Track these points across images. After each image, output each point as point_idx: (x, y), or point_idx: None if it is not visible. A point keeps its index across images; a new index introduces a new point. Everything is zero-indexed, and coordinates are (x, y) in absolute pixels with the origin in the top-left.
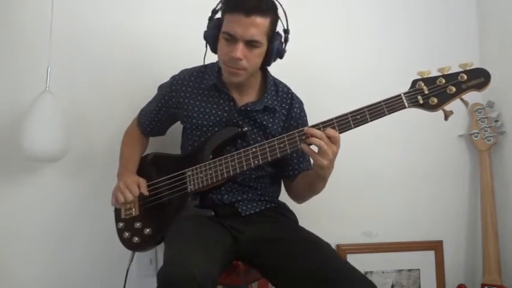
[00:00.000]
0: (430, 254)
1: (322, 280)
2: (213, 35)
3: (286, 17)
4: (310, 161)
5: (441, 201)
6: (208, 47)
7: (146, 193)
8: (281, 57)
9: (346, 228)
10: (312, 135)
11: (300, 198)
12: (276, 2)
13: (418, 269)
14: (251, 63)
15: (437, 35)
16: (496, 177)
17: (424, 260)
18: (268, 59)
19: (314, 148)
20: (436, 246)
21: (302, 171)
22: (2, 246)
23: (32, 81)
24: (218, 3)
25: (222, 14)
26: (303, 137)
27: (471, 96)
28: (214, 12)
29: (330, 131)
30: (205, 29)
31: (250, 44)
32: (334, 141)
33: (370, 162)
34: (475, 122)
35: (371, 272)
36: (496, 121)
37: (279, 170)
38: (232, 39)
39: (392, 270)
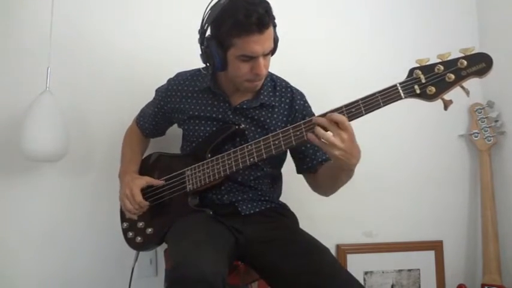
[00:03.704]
0: (430, 254)
1: (317, 285)
2: (221, 58)
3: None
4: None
5: (441, 201)
6: (209, 65)
7: (160, 182)
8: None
9: (346, 228)
10: (317, 124)
11: (324, 189)
12: None
13: (418, 269)
14: (268, 68)
15: (436, 31)
16: (496, 177)
17: (424, 260)
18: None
19: None
20: (436, 246)
21: (321, 161)
22: (2, 245)
23: (32, 81)
24: (205, 25)
25: (226, 37)
26: (297, 133)
27: (471, 96)
28: (203, 33)
29: (334, 115)
30: (203, 52)
31: (267, 54)
32: (341, 127)
33: (370, 162)
34: (475, 122)
35: (371, 272)
36: (496, 121)
37: (298, 163)
38: (250, 58)
39: (392, 270)
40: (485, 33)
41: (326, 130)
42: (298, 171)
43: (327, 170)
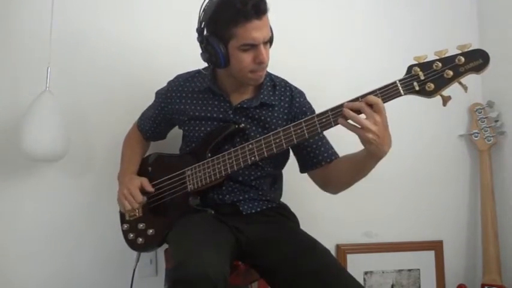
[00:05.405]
0: (430, 254)
1: (317, 287)
2: (222, 53)
3: None
4: (330, 148)
5: (441, 201)
6: (211, 63)
7: (151, 189)
8: None
9: (346, 228)
10: (349, 108)
11: (337, 186)
12: None
13: (418, 269)
14: (269, 58)
15: (435, 30)
16: (496, 177)
17: (424, 260)
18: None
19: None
20: (436, 246)
21: (328, 160)
22: (2, 246)
23: (32, 81)
24: (202, 23)
25: (225, 30)
26: (298, 131)
27: (471, 96)
28: (202, 31)
29: (370, 97)
30: (204, 50)
31: (267, 42)
32: (375, 110)
33: None
34: (475, 122)
35: (371, 272)
36: (496, 121)
37: (303, 161)
38: (252, 47)
39: (392, 270)
40: (485, 33)
41: (358, 113)
42: (303, 170)
43: (347, 163)
